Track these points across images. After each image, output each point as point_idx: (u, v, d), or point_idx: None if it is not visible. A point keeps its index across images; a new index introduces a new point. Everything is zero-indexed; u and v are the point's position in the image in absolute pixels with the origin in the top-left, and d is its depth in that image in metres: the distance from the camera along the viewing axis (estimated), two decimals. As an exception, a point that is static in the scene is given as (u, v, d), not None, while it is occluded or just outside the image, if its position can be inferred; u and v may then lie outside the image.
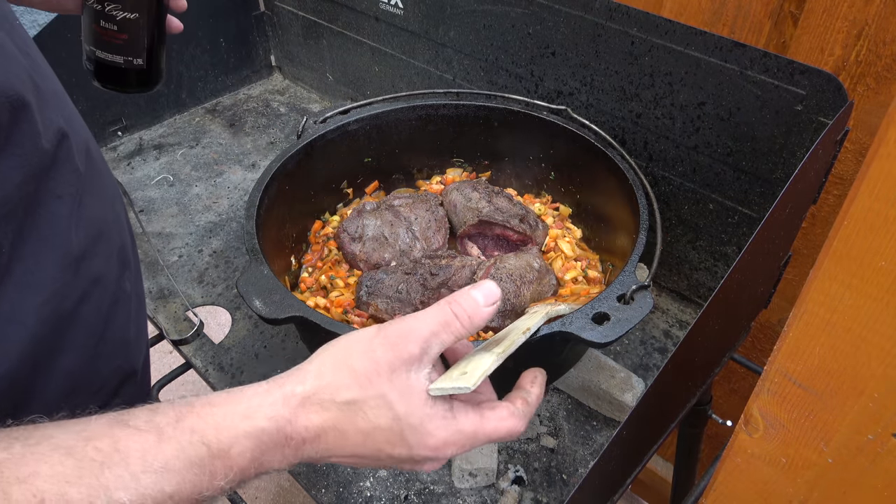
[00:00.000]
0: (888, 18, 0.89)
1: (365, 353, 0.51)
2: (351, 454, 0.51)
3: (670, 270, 1.16)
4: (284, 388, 0.50)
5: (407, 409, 0.50)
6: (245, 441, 0.47)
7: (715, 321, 0.76)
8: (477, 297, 0.53)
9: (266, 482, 2.03)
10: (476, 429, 0.53)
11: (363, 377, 0.50)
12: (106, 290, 0.62)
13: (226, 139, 1.59)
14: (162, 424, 0.45)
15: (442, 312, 0.52)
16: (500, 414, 0.54)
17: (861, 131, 0.99)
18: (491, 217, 1.05)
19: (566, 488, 0.89)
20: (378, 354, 0.51)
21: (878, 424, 0.42)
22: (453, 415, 0.52)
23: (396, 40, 1.39)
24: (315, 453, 0.50)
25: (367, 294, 0.95)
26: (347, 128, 1.11)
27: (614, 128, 1.09)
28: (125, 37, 0.73)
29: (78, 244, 0.57)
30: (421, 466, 0.54)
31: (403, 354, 0.50)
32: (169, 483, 0.43)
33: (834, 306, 0.39)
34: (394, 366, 0.50)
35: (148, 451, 0.43)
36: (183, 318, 1.11)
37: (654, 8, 1.10)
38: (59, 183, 0.55)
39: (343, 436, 0.50)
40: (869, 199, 0.35)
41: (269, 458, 0.48)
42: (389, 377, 0.50)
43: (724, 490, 0.56)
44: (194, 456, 0.45)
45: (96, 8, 0.71)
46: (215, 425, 0.47)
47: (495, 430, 0.54)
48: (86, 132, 0.62)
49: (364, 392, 0.50)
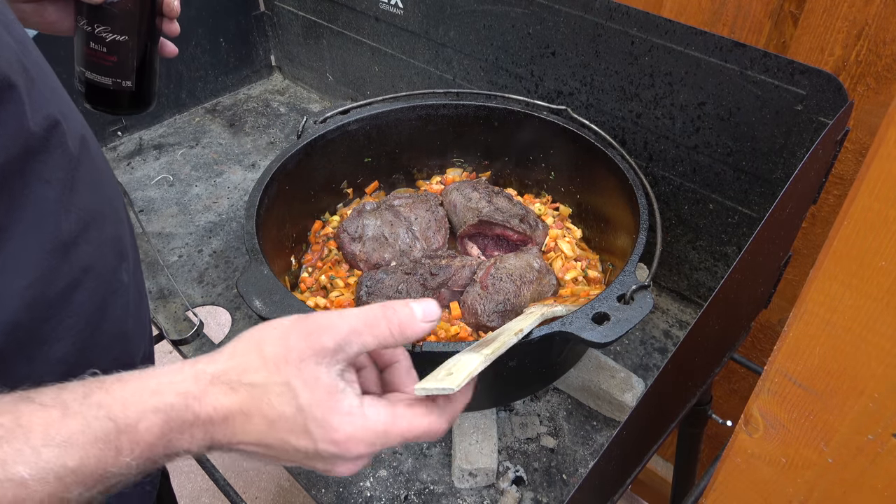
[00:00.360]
0: (888, 18, 0.89)
1: (278, 340, 0.50)
2: (257, 441, 0.50)
3: (670, 270, 1.16)
4: (196, 367, 0.50)
5: (311, 399, 0.48)
6: (153, 416, 0.46)
7: (715, 321, 0.76)
8: (415, 310, 0.52)
9: (266, 482, 2.03)
10: (387, 426, 0.50)
11: (271, 362, 0.49)
12: (100, 280, 0.62)
13: (226, 139, 1.59)
14: (68, 400, 0.45)
15: (370, 312, 0.51)
16: (415, 411, 0.52)
17: (861, 131, 0.99)
18: (491, 217, 1.05)
19: (566, 488, 0.89)
20: (290, 342, 0.50)
21: (878, 424, 0.42)
22: (362, 411, 0.50)
23: (396, 40, 1.39)
24: (224, 438, 0.49)
25: (367, 294, 0.95)
26: (347, 128, 1.11)
27: (614, 128, 1.09)
28: (114, 59, 0.73)
29: (68, 230, 0.57)
30: (332, 466, 0.51)
31: (315, 346, 0.49)
32: (72, 458, 0.43)
33: (834, 306, 0.39)
34: (304, 355, 0.49)
35: (51, 425, 0.43)
36: (183, 318, 1.11)
37: (654, 8, 1.10)
38: (49, 167, 0.55)
39: (249, 420, 0.49)
40: (869, 199, 0.35)
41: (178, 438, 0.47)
42: (298, 365, 0.49)
43: (724, 490, 0.56)
44: (99, 430, 0.44)
45: (86, 30, 0.72)
46: (123, 400, 0.46)
47: (409, 428, 0.51)
48: (83, 125, 0.62)
49: (270, 377, 0.49)
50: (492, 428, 0.92)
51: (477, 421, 0.92)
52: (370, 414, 0.50)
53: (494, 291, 0.92)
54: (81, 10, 0.71)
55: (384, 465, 0.91)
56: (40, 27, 0.75)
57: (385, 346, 0.51)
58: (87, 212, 0.59)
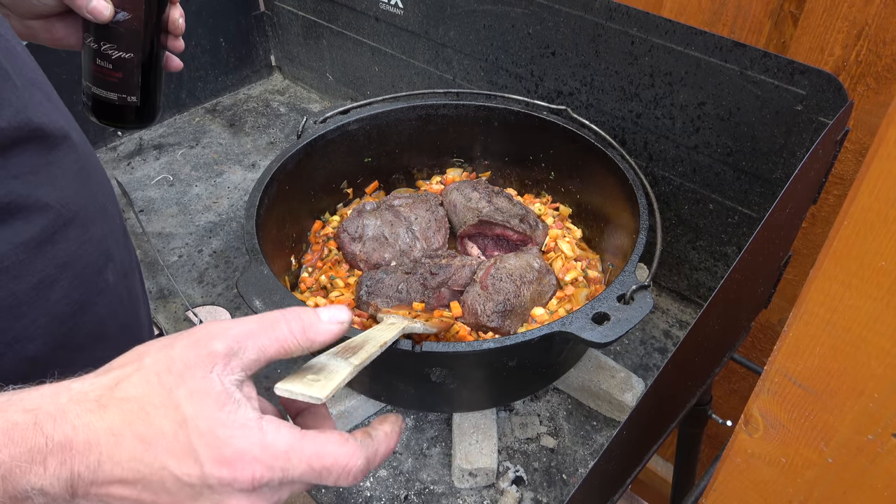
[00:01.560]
0: (888, 18, 0.89)
1: (161, 349, 0.44)
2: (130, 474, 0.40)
3: (670, 270, 1.16)
4: (61, 383, 0.42)
5: (196, 412, 0.41)
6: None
7: (715, 321, 0.76)
8: (320, 313, 0.47)
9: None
10: (290, 447, 0.42)
11: (151, 372, 0.42)
12: (80, 279, 0.60)
13: (226, 139, 1.59)
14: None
15: (268, 315, 0.46)
16: (328, 437, 0.44)
17: (861, 131, 0.99)
18: (491, 217, 1.05)
19: (566, 488, 0.89)
20: (175, 351, 0.43)
21: (878, 424, 0.42)
22: (259, 424, 0.42)
23: (396, 40, 1.39)
24: (87, 470, 0.39)
25: (367, 294, 0.95)
26: (347, 128, 1.11)
27: (614, 128, 1.09)
28: (119, 75, 0.75)
29: (41, 225, 0.56)
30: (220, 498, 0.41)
31: (203, 352, 0.43)
32: None
33: (834, 306, 0.39)
34: (190, 363, 0.42)
35: None
36: (183, 318, 1.11)
37: (654, 8, 1.10)
38: (18, 163, 0.53)
39: (119, 443, 0.40)
40: (869, 199, 0.35)
41: (24, 469, 0.38)
42: (181, 374, 0.42)
43: (724, 490, 0.56)
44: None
45: (93, 47, 0.73)
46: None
47: (318, 454, 0.43)
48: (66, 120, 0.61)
49: (148, 389, 0.41)
50: (492, 428, 0.92)
51: (477, 421, 0.92)
52: (269, 430, 0.42)
53: (494, 291, 0.92)
54: (89, 27, 0.73)
55: (384, 465, 0.91)
56: (49, 42, 0.76)
57: (287, 349, 0.46)
58: (67, 209, 0.58)
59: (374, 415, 0.97)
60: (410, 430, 0.96)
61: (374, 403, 0.95)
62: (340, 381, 0.47)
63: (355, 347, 0.56)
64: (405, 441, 0.94)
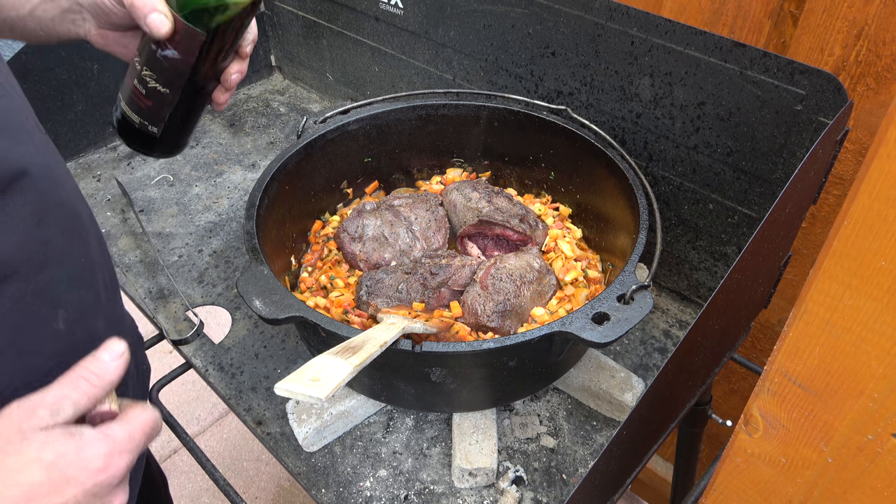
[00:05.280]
0: (888, 18, 0.89)
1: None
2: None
3: (670, 270, 1.16)
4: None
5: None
6: None
7: (715, 321, 0.76)
8: (102, 357, 0.54)
9: (266, 482, 2.03)
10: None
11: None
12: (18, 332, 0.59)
13: (226, 139, 1.59)
14: None
15: (68, 376, 0.52)
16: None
17: (861, 131, 0.99)
18: (491, 217, 1.05)
19: (566, 488, 0.89)
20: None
21: (878, 424, 0.42)
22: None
23: (396, 40, 1.39)
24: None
25: (367, 294, 0.95)
26: (347, 128, 1.11)
27: (614, 128, 1.09)
28: (150, 104, 0.75)
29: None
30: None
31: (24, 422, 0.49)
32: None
33: (834, 306, 0.39)
34: (10, 437, 0.48)
35: None
36: (183, 318, 1.11)
37: (654, 8, 1.10)
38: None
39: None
40: (869, 199, 0.35)
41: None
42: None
43: (724, 490, 0.56)
44: None
45: (137, 68, 0.73)
46: None
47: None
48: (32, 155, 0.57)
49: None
50: (492, 428, 0.92)
51: (477, 421, 0.92)
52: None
53: (494, 291, 0.92)
54: (143, 48, 0.72)
55: (384, 464, 0.91)
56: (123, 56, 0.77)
57: (97, 398, 0.53)
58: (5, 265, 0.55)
59: (374, 414, 0.97)
60: (410, 430, 0.96)
61: (374, 403, 0.95)
62: (340, 381, 0.48)
63: (355, 347, 0.56)
64: (405, 441, 0.94)
